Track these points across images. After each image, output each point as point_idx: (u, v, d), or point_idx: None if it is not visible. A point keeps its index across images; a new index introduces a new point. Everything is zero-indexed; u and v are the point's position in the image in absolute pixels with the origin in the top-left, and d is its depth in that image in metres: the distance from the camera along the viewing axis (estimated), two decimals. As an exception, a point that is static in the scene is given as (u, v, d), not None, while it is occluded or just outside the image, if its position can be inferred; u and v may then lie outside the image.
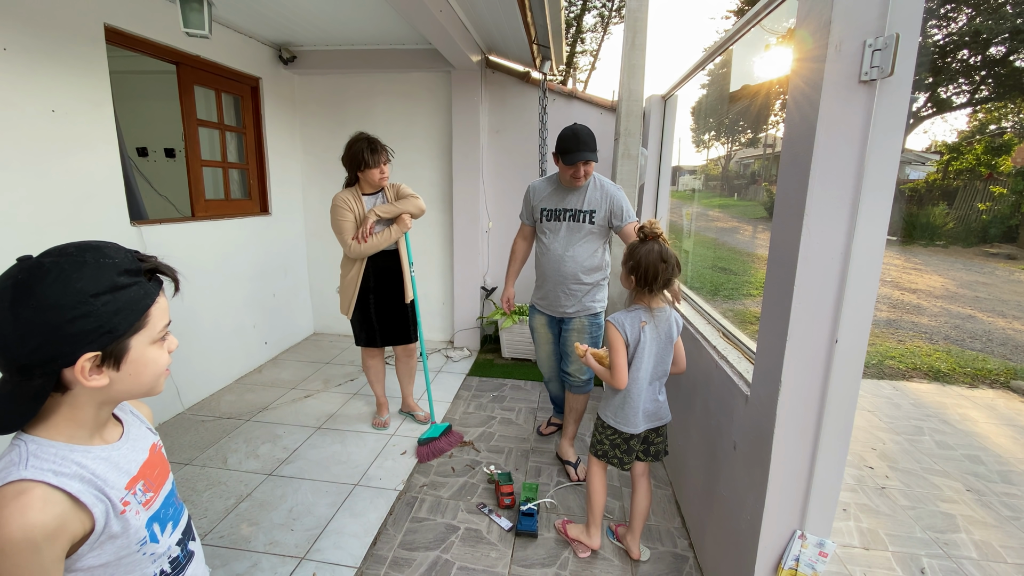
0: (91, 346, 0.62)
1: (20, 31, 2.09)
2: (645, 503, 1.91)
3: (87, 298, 0.61)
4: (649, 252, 1.63)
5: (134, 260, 0.67)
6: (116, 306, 0.63)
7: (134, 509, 0.70)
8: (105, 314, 0.62)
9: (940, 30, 14.32)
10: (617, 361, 1.69)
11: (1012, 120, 15.07)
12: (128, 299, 0.65)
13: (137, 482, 0.73)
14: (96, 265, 0.63)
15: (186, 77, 3.10)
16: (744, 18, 1.89)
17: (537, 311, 2.50)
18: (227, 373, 3.46)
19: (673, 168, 3.58)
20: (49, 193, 2.25)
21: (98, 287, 0.62)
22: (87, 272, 0.62)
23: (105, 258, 0.64)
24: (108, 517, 0.66)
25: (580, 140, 2.11)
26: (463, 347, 4.23)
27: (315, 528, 2.06)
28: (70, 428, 0.67)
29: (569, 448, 2.55)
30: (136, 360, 0.67)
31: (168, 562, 0.77)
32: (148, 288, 0.68)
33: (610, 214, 2.23)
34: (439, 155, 4.14)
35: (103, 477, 0.67)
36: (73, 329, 0.60)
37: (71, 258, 0.62)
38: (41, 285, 0.59)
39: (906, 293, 7.23)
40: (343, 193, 2.51)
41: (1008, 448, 2.93)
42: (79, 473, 0.65)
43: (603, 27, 15.96)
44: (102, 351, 0.63)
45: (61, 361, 0.61)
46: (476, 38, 3.51)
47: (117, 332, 0.64)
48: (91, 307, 0.61)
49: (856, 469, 2.62)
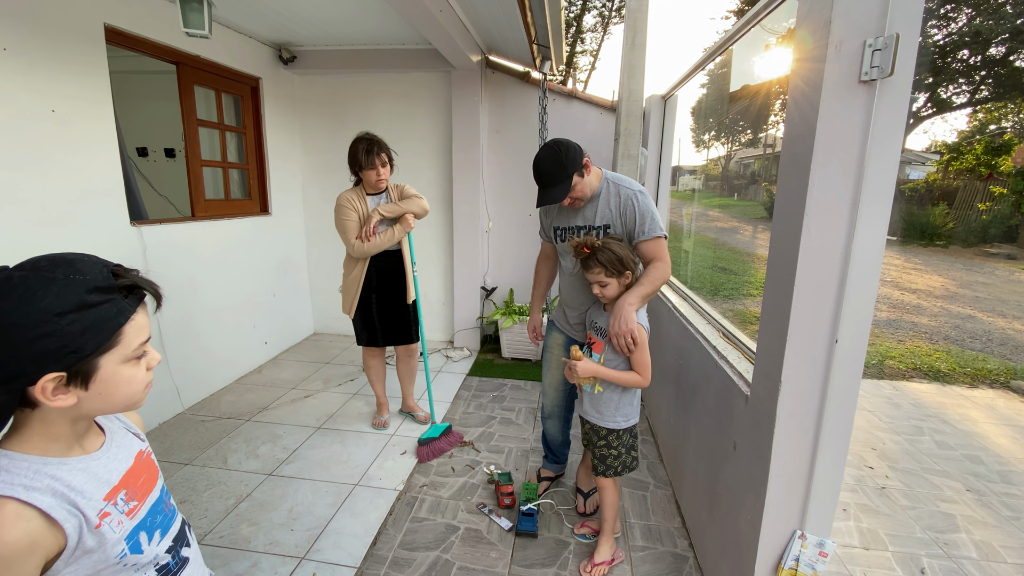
0: (54, 366, 0.60)
1: (20, 31, 2.09)
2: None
3: (51, 317, 0.59)
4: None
5: (108, 276, 0.64)
6: (83, 325, 0.61)
7: (115, 519, 0.69)
8: (70, 333, 0.60)
9: (940, 30, 14.32)
10: (649, 359, 1.69)
11: (1012, 120, 15.08)
12: (97, 318, 0.62)
13: (119, 492, 0.71)
14: (65, 282, 0.60)
15: (186, 77, 3.10)
16: (744, 18, 1.88)
17: (556, 328, 2.10)
18: (227, 373, 3.46)
19: (673, 168, 3.57)
20: (49, 193, 2.24)
21: (63, 306, 0.60)
22: (53, 289, 0.60)
23: (76, 274, 0.62)
24: (82, 532, 0.64)
25: (540, 175, 1.74)
26: (463, 347, 4.23)
27: (315, 528, 2.06)
28: (44, 442, 0.65)
29: (587, 477, 2.25)
30: (107, 379, 0.65)
31: (155, 570, 0.75)
32: (122, 305, 0.65)
33: (624, 227, 1.79)
34: (439, 155, 4.14)
35: (79, 489, 0.66)
36: (34, 349, 0.58)
37: (41, 273, 0.60)
38: (5, 302, 0.58)
39: (906, 293, 7.23)
40: (347, 192, 2.52)
41: (1008, 448, 2.93)
42: (51, 487, 0.63)
43: (603, 27, 15.96)
44: (66, 371, 0.61)
45: (24, 380, 0.59)
46: (476, 38, 3.51)
47: (83, 352, 0.61)
48: (55, 326, 0.59)
49: (856, 469, 2.62)
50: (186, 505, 2.18)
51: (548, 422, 2.26)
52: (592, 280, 1.70)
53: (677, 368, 2.40)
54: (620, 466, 1.82)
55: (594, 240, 1.68)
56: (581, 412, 1.88)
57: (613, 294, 1.70)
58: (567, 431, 2.29)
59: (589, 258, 1.67)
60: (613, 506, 1.88)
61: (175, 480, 2.36)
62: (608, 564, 1.86)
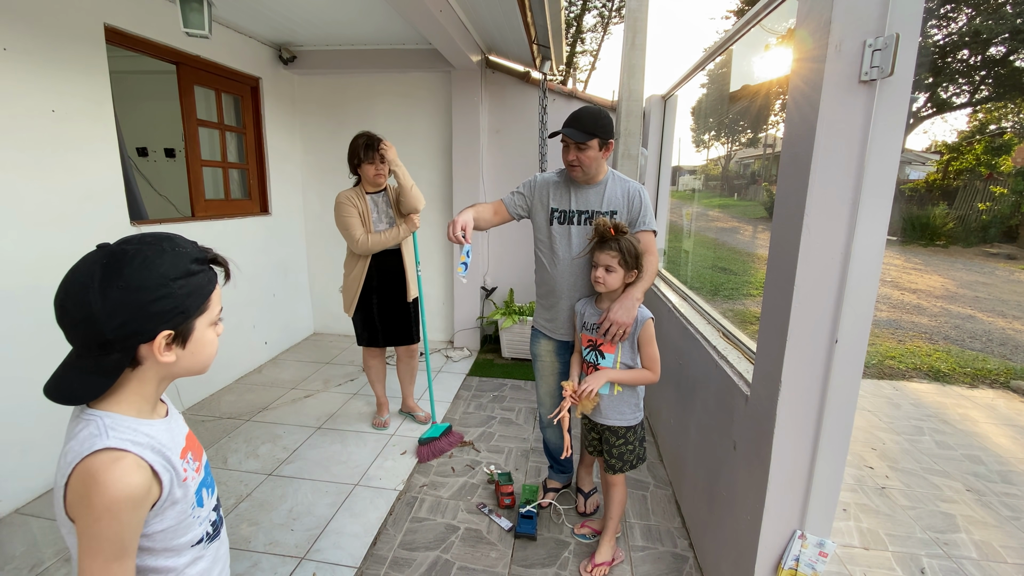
0: (167, 324, 0.70)
1: (20, 31, 2.09)
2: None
3: (167, 281, 0.69)
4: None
5: (201, 250, 0.76)
6: (188, 289, 0.71)
7: (190, 475, 0.78)
8: (180, 296, 0.70)
9: (940, 30, 14.31)
10: (658, 354, 1.70)
11: (1012, 120, 15.06)
12: (197, 284, 0.73)
13: (187, 452, 0.79)
14: (173, 253, 0.71)
15: (186, 77, 3.10)
16: (744, 18, 1.89)
17: (542, 336, 2.04)
18: (227, 373, 3.46)
19: (673, 168, 3.57)
20: (49, 193, 2.25)
21: (176, 272, 0.70)
22: (167, 258, 0.70)
23: (179, 247, 0.72)
24: (173, 485, 0.73)
25: (574, 118, 1.79)
26: (463, 347, 4.23)
27: (315, 528, 2.06)
28: (137, 402, 0.73)
29: (588, 477, 2.26)
30: (198, 340, 0.75)
31: (210, 524, 0.83)
32: (211, 275, 0.76)
33: (629, 214, 1.86)
34: (439, 155, 4.14)
35: (168, 446, 0.74)
36: (154, 309, 0.68)
37: (151, 246, 0.70)
38: (128, 268, 0.66)
39: (906, 293, 7.23)
40: (346, 191, 2.53)
41: (1008, 448, 2.93)
42: (150, 444, 0.71)
43: (603, 27, 15.96)
44: (175, 330, 0.71)
45: (142, 337, 0.68)
46: (476, 38, 3.51)
47: (188, 313, 0.72)
48: (170, 290, 0.69)
49: (856, 469, 2.62)
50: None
51: (548, 431, 2.21)
52: (600, 262, 1.68)
53: (677, 368, 2.40)
54: (635, 459, 1.82)
55: (624, 225, 1.69)
56: (598, 419, 1.81)
57: (613, 285, 1.69)
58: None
59: (610, 240, 1.66)
60: (621, 504, 1.87)
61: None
62: (608, 565, 1.86)
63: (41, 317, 2.22)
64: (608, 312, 1.69)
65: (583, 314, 1.82)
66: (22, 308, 2.15)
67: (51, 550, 1.90)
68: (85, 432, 0.67)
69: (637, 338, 1.70)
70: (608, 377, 1.70)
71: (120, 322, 0.65)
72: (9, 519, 2.08)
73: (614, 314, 1.67)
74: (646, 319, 1.70)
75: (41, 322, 2.22)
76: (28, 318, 2.17)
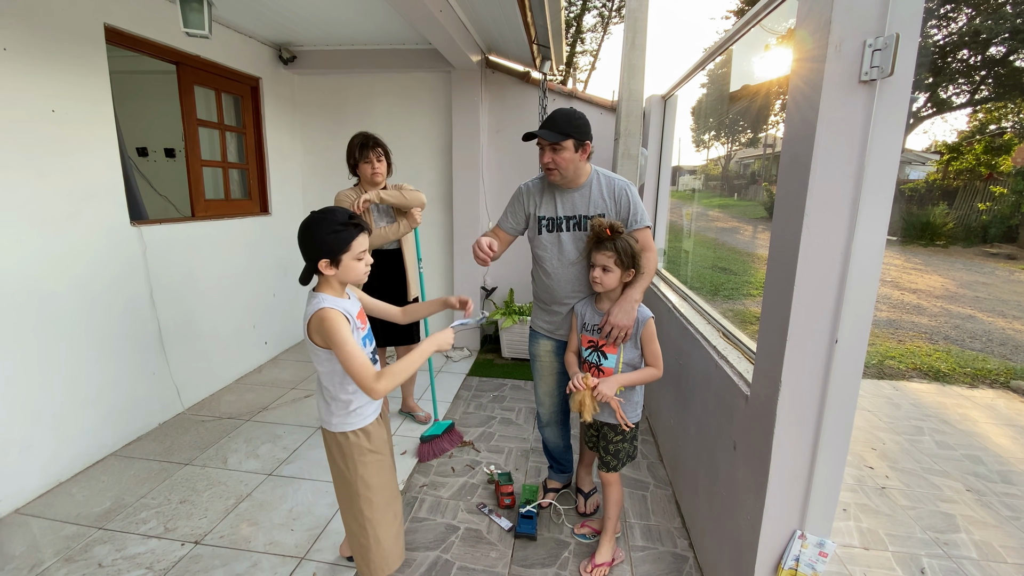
0: (325, 256, 1.35)
1: (20, 31, 2.10)
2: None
3: (325, 236, 1.34)
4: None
5: (347, 217, 1.37)
6: (340, 236, 1.35)
7: (355, 327, 1.40)
8: (330, 242, 1.34)
9: (940, 30, 14.31)
10: (659, 350, 1.71)
11: (1012, 120, 15.05)
12: (346, 234, 1.36)
13: (358, 318, 1.46)
14: (328, 220, 1.35)
15: (186, 77, 3.10)
16: (744, 18, 1.89)
17: (540, 336, 2.03)
18: (227, 373, 3.46)
19: (673, 168, 3.57)
20: (49, 193, 2.25)
21: (329, 229, 1.34)
22: (325, 223, 1.35)
23: (333, 216, 1.36)
24: (353, 326, 1.39)
25: (548, 119, 1.77)
26: (463, 347, 4.23)
27: (315, 528, 2.06)
28: (332, 290, 1.41)
29: (587, 477, 2.27)
30: (346, 265, 1.38)
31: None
32: (352, 232, 1.37)
33: (618, 214, 1.84)
34: (439, 155, 4.14)
35: (349, 310, 1.39)
36: (327, 244, 1.34)
37: (325, 214, 1.36)
38: (311, 227, 1.35)
39: (906, 293, 7.23)
40: (345, 190, 2.53)
41: (1008, 448, 2.93)
42: (342, 307, 1.37)
43: (603, 27, 15.97)
44: (330, 259, 1.35)
45: (315, 261, 1.35)
46: (476, 38, 3.51)
47: (336, 251, 1.35)
48: (325, 239, 1.34)
49: (856, 469, 2.62)
50: (186, 505, 2.18)
51: (547, 430, 2.20)
52: (598, 263, 1.69)
53: (677, 368, 2.40)
54: (626, 457, 1.83)
55: (620, 225, 1.69)
56: (599, 417, 1.79)
57: (611, 285, 1.70)
58: (567, 435, 2.24)
59: (607, 241, 1.67)
60: (619, 503, 1.87)
61: (175, 480, 2.36)
62: (608, 565, 1.86)
63: (41, 317, 2.22)
64: (608, 316, 1.71)
65: (583, 315, 1.83)
66: (22, 308, 2.15)
67: (51, 550, 1.91)
68: (315, 301, 1.36)
69: (640, 337, 1.71)
70: (619, 382, 1.70)
71: (314, 250, 1.34)
72: (9, 519, 2.08)
73: (614, 317, 1.69)
74: (647, 319, 1.71)
75: (41, 322, 2.22)
76: (28, 318, 2.17)
